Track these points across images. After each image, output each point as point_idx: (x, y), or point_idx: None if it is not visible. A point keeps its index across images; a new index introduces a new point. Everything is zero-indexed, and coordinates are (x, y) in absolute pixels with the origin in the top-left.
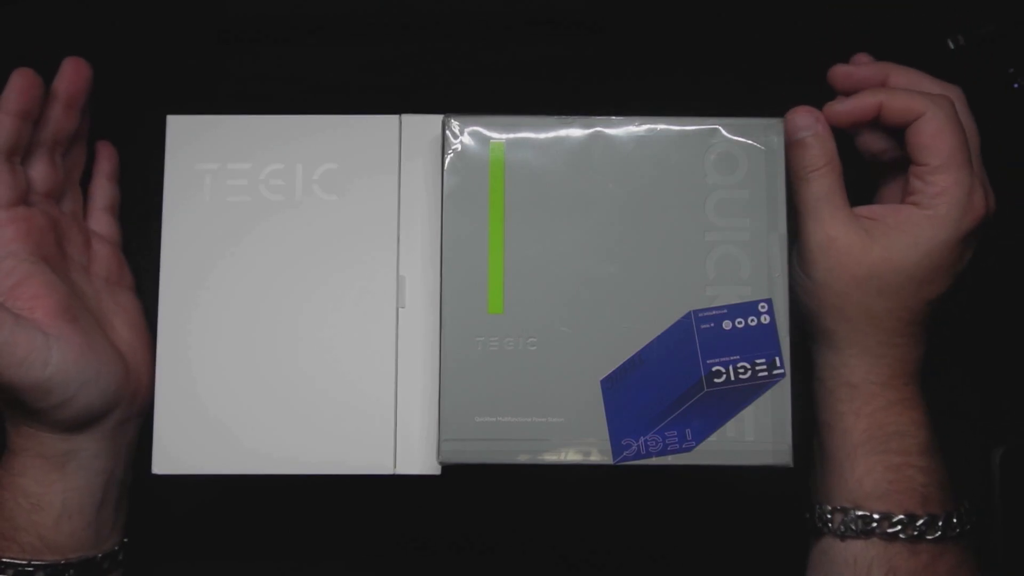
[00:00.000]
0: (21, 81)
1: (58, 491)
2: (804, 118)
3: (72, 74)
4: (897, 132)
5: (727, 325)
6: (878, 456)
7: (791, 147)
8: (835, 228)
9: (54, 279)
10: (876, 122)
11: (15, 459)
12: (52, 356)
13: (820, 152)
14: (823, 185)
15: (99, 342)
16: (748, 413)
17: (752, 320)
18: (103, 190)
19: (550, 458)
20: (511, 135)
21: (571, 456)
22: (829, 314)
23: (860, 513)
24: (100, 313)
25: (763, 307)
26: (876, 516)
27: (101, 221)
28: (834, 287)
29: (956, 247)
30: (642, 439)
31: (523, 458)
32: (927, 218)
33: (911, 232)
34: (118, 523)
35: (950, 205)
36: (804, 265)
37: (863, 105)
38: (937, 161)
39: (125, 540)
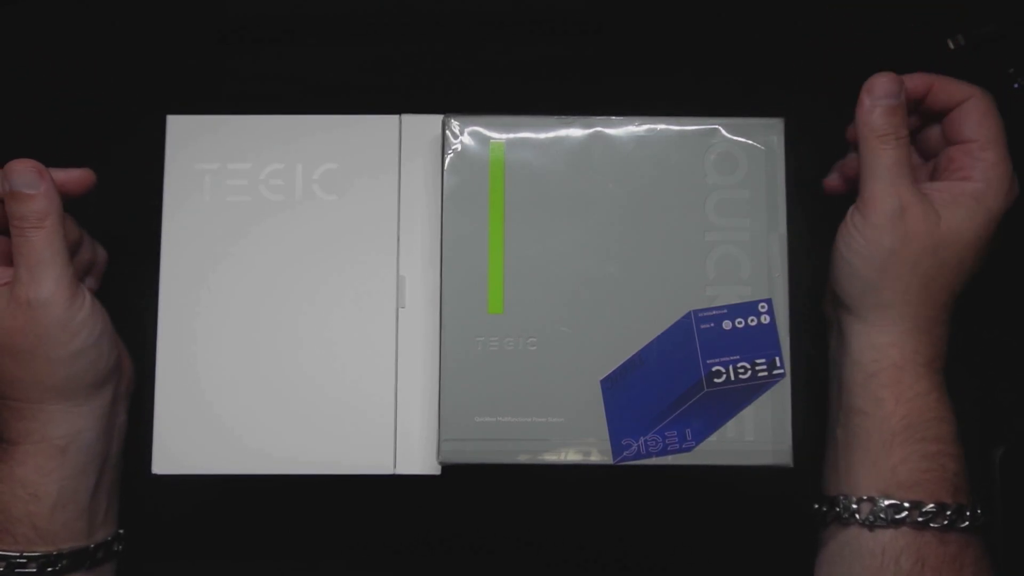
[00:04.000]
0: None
1: (56, 479)
2: (891, 84)
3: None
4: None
5: (727, 325)
6: (916, 444)
7: (872, 111)
8: (911, 196)
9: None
10: (915, 105)
11: (15, 449)
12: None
13: (904, 119)
14: (903, 153)
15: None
16: (748, 413)
17: (752, 320)
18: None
19: (550, 458)
20: (511, 135)
21: (571, 456)
22: (891, 284)
23: (890, 502)
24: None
25: (763, 307)
26: (907, 505)
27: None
28: (905, 255)
29: (1000, 220)
30: (642, 439)
31: (523, 458)
32: (982, 190)
33: (969, 205)
34: (111, 512)
35: (1002, 177)
36: (872, 233)
37: (918, 82)
38: (987, 137)
39: (120, 531)
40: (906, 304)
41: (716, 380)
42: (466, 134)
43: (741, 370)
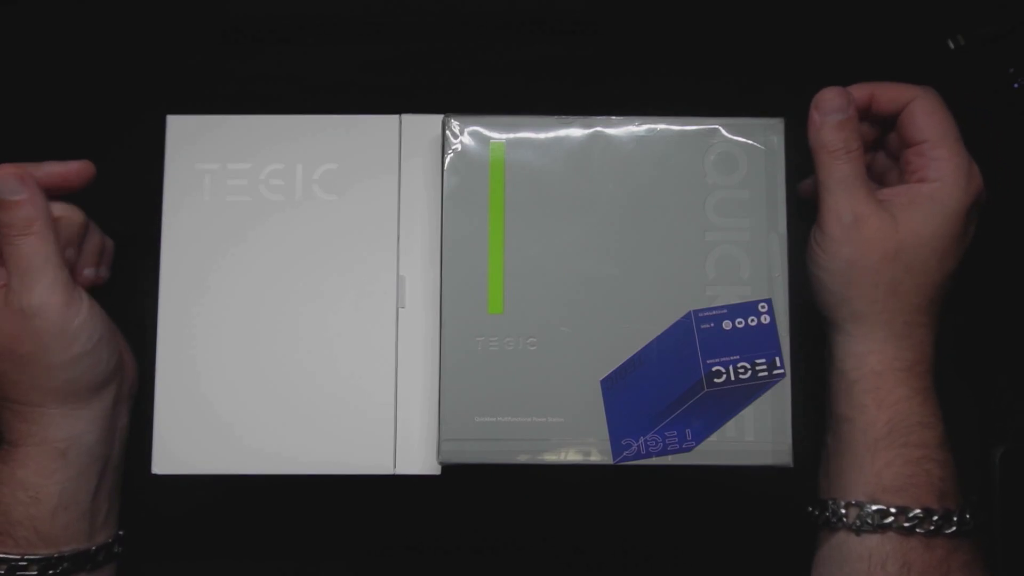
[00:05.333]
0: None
1: (57, 481)
2: (839, 99)
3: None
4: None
5: (727, 325)
6: (899, 449)
7: (821, 128)
8: (866, 207)
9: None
10: (863, 115)
11: (16, 450)
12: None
13: (854, 133)
14: (855, 165)
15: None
16: (748, 413)
17: (752, 320)
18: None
19: (550, 458)
20: (511, 135)
21: (571, 456)
22: (859, 294)
23: (876, 507)
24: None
25: (763, 307)
26: (893, 510)
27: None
28: (866, 264)
29: (965, 216)
30: (642, 439)
31: (523, 458)
32: (937, 189)
33: (925, 206)
34: (112, 514)
35: (956, 173)
36: (831, 246)
37: (860, 93)
38: (936, 135)
39: (120, 533)
40: (877, 312)
41: (716, 380)
42: (466, 134)
43: (741, 370)
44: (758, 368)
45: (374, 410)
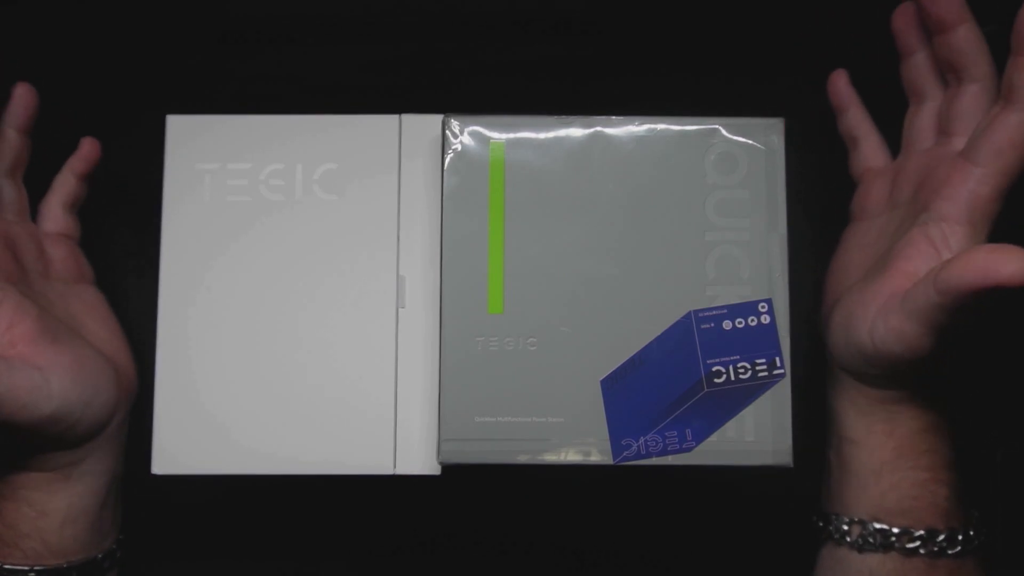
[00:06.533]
0: None
1: (63, 498)
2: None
3: (27, 101)
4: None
5: (727, 325)
6: (905, 472)
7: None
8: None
9: (22, 300)
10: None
11: (19, 475)
12: (53, 389)
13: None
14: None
15: (87, 356)
16: (748, 413)
17: (752, 320)
18: (66, 186)
19: (550, 458)
20: (511, 135)
21: (571, 456)
22: (909, 369)
23: (879, 527)
24: (70, 317)
25: (763, 307)
26: (896, 531)
27: (57, 218)
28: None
29: None
30: (642, 439)
31: (523, 458)
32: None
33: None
34: (116, 521)
35: None
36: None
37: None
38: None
39: (121, 537)
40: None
41: (716, 380)
42: (466, 134)
43: (741, 370)
44: (758, 368)
45: (374, 410)
